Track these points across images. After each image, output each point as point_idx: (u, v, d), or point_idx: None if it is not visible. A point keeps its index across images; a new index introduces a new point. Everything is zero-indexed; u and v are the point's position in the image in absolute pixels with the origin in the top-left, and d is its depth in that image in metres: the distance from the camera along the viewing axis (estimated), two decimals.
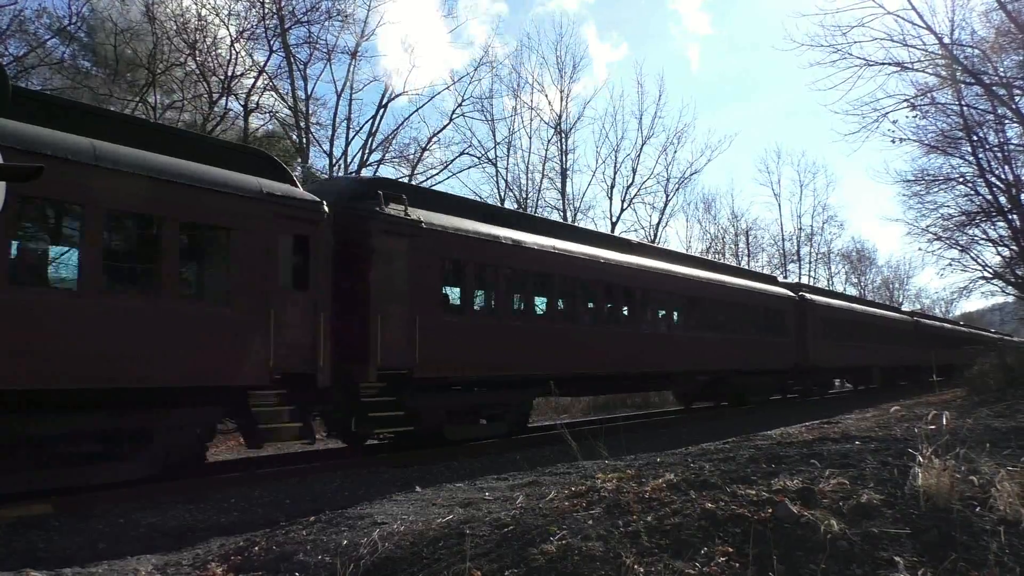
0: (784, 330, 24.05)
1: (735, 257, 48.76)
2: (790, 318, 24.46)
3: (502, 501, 5.44)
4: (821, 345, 25.94)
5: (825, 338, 26.66)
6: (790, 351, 24.07)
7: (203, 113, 24.26)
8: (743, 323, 21.52)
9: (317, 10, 25.65)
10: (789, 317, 24.43)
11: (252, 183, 9.73)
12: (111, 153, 8.23)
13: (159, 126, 12.95)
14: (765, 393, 23.64)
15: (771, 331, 23.33)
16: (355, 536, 4.78)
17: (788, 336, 24.14)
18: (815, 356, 25.37)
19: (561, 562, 3.55)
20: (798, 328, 24.79)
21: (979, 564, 3.31)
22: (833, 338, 27.46)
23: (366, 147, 28.57)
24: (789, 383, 25.48)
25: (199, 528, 7.00)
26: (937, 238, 30.52)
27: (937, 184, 28.64)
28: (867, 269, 66.83)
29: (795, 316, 24.77)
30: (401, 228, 11.46)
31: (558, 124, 35.70)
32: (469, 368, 12.74)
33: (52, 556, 6.01)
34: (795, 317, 24.74)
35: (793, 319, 24.60)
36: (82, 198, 8.05)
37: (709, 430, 15.04)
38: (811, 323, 25.47)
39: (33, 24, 21.56)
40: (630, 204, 38.06)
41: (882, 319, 34.64)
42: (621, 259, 16.96)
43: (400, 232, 11.44)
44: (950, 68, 20.82)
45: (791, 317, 24.51)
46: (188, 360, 8.73)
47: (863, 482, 4.26)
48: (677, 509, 4.05)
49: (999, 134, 25.98)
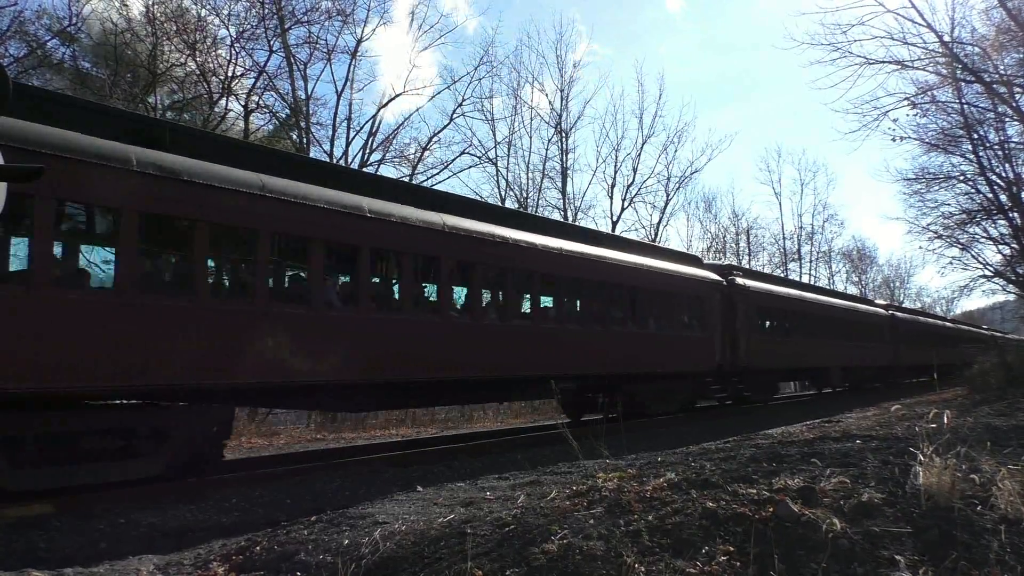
0: (704, 323, 19.32)
1: (735, 256, 48.76)
2: (713, 307, 19.70)
3: (503, 500, 5.44)
4: (757, 341, 21.51)
5: (763, 333, 22.70)
6: (710, 348, 19.37)
7: (203, 113, 24.29)
8: (640, 313, 16.96)
9: (317, 10, 25.70)
10: (711, 306, 19.63)
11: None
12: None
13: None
14: (672, 401, 18.58)
15: (684, 324, 18.73)
16: (356, 536, 4.78)
17: (709, 330, 19.42)
18: (748, 355, 20.77)
19: (562, 561, 3.55)
20: (725, 320, 20.18)
21: (980, 563, 3.31)
22: (775, 333, 23.70)
23: (366, 147, 28.61)
24: (713, 388, 20.62)
25: (200, 528, 7.00)
26: (938, 236, 30.59)
27: (938, 182, 28.71)
28: (868, 268, 66.90)
29: (721, 305, 20.08)
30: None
31: (558, 123, 35.72)
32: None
33: (53, 556, 6.01)
34: (721, 306, 20.07)
35: (718, 309, 19.90)
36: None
37: (710, 429, 15.04)
38: (743, 314, 20.90)
39: (33, 25, 21.61)
40: (631, 203, 38.10)
41: (845, 312, 29.67)
42: (427, 220, 11.69)
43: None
44: (950, 66, 20.84)
45: (715, 306, 19.78)
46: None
47: (864, 481, 4.26)
48: (678, 508, 4.05)
49: (1000, 132, 26.04)
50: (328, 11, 26.06)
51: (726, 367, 19.96)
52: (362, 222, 10.55)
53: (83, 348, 7.78)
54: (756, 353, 21.15)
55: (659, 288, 17.58)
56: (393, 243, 11.25)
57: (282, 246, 10.14)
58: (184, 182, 8.61)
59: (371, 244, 10.82)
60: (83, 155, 7.88)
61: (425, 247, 11.65)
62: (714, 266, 22.50)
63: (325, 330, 10.11)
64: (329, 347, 10.05)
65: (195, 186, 8.70)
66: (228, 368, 8.96)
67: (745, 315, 21.05)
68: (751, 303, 21.50)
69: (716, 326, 19.68)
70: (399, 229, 11.10)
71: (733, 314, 20.48)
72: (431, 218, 11.77)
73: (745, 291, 21.37)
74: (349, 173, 15.42)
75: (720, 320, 19.90)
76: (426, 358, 11.44)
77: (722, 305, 20.13)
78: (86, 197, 8.31)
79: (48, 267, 7.77)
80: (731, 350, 20.12)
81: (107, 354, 7.92)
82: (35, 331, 7.50)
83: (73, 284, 8.52)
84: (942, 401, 14.67)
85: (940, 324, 45.78)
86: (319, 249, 10.07)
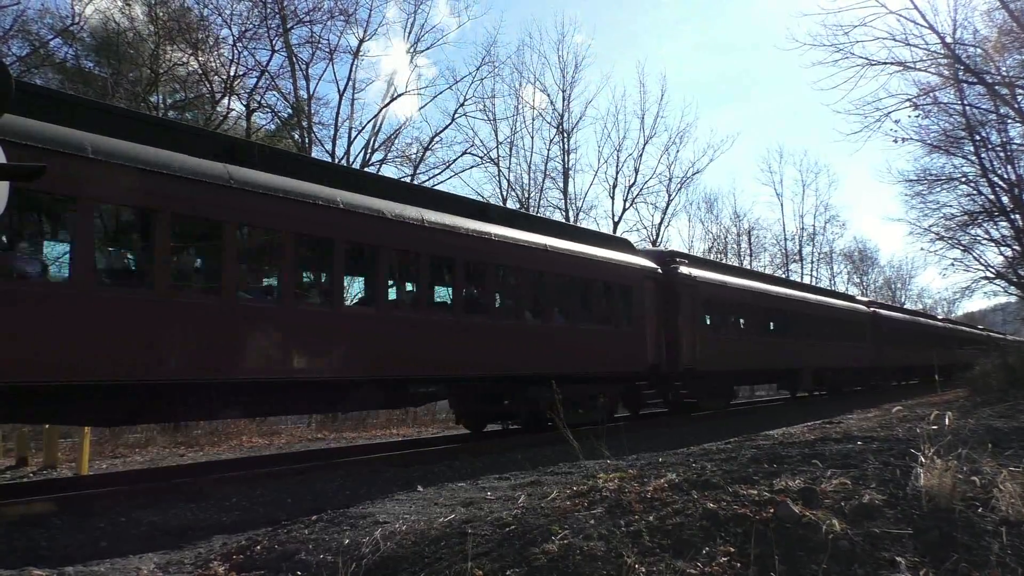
0: (633, 317, 16.58)
1: (737, 257, 48.74)
2: (644, 299, 16.94)
3: (504, 500, 5.44)
4: (706, 339, 18.96)
5: (715, 330, 20.10)
6: (641, 347, 16.64)
7: (205, 113, 24.31)
8: (543, 303, 14.28)
9: (319, 10, 25.71)
10: (642, 297, 16.88)
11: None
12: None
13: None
14: (592, 410, 14.41)
15: (603, 317, 15.98)
16: (357, 535, 4.78)
17: (639, 325, 16.68)
18: (694, 355, 18.18)
19: (563, 561, 3.55)
20: (664, 314, 17.59)
21: (981, 565, 3.31)
22: (730, 330, 21.14)
23: (368, 147, 28.62)
24: (646, 393, 17.24)
25: (201, 527, 7.01)
26: (939, 238, 30.62)
27: (939, 184, 28.74)
28: (869, 269, 66.86)
29: (656, 297, 17.44)
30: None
31: (560, 124, 35.72)
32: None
33: (54, 554, 6.02)
34: (656, 298, 17.43)
35: (652, 301, 17.23)
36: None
37: (711, 430, 15.05)
38: (688, 308, 18.26)
39: (36, 24, 21.65)
40: (632, 204, 38.06)
41: (819, 308, 26.85)
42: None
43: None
44: (952, 68, 20.83)
45: (647, 298, 17.06)
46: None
47: (865, 482, 4.26)
48: (679, 509, 4.05)
49: (1001, 134, 26.05)
50: (330, 11, 26.10)
51: (664, 369, 17.31)
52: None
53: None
54: (704, 353, 18.57)
55: (569, 273, 14.77)
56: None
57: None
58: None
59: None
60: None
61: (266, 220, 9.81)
62: (652, 252, 19.64)
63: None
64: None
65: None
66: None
67: (690, 309, 18.33)
68: (698, 295, 18.81)
69: (649, 321, 16.96)
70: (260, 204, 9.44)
71: (674, 307, 17.86)
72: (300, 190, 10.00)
73: (690, 281, 18.58)
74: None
75: (656, 314, 17.27)
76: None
77: (659, 297, 17.52)
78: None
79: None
80: (672, 349, 17.55)
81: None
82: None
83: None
84: (943, 403, 14.67)
85: (930, 323, 43.36)
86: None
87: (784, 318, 24.21)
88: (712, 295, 19.74)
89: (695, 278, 18.96)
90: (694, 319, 18.62)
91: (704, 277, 19.61)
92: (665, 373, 17.51)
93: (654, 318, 17.26)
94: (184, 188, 8.67)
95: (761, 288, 23.36)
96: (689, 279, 18.69)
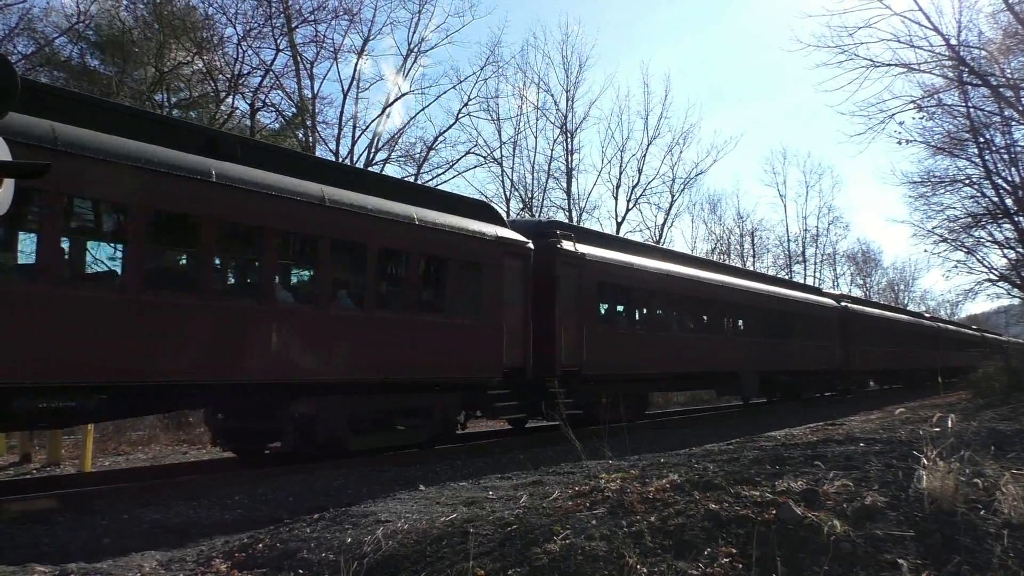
0: (485, 304, 12.49)
1: (740, 257, 48.65)
2: (505, 282, 12.87)
3: (506, 500, 5.45)
4: (598, 335, 14.89)
5: (612, 323, 16.22)
6: (494, 344, 12.54)
7: (209, 112, 24.35)
8: (328, 284, 10.41)
9: (324, 9, 25.72)
10: (502, 280, 12.82)
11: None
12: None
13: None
14: (415, 429, 11.70)
15: (441, 306, 11.98)
16: (359, 534, 4.79)
17: (494, 316, 12.59)
18: (579, 354, 14.17)
19: (564, 562, 3.55)
20: (537, 302, 13.47)
21: (983, 567, 3.31)
22: (635, 323, 16.97)
23: (372, 146, 28.64)
24: (502, 407, 12.97)
25: (203, 525, 7.02)
26: (943, 240, 30.54)
27: (943, 186, 28.71)
28: (873, 271, 66.73)
29: (523, 279, 13.29)
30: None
31: (564, 124, 35.69)
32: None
33: (56, 551, 6.03)
34: (524, 281, 13.29)
35: (518, 285, 13.13)
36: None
37: (713, 431, 15.04)
38: (569, 293, 14.16)
39: (41, 22, 21.70)
40: (635, 204, 38.01)
41: (767, 300, 22.36)
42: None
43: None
44: (957, 69, 20.81)
45: (512, 280, 13.01)
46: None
47: (867, 484, 4.25)
48: (681, 510, 4.05)
49: (1006, 136, 25.98)
50: (335, 10, 26.09)
51: (532, 373, 13.16)
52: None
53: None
54: (596, 352, 14.59)
55: (363, 241, 10.62)
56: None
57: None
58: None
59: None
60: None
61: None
62: (526, 223, 15.60)
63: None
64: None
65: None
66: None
67: (574, 295, 14.25)
68: (587, 278, 14.72)
69: (509, 310, 12.85)
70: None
71: (550, 292, 13.74)
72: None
73: (574, 260, 14.42)
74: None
75: (523, 302, 13.21)
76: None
77: (526, 279, 13.36)
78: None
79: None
80: (545, 347, 13.48)
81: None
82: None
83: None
84: (946, 405, 14.65)
85: (915, 322, 38.77)
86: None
87: (721, 310, 20.17)
88: (608, 278, 15.56)
89: (583, 256, 14.69)
90: (580, 308, 14.47)
91: (597, 255, 15.23)
92: (534, 379, 13.21)
93: (519, 307, 13.07)
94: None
95: (684, 273, 18.55)
96: (573, 257, 14.41)
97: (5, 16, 20.61)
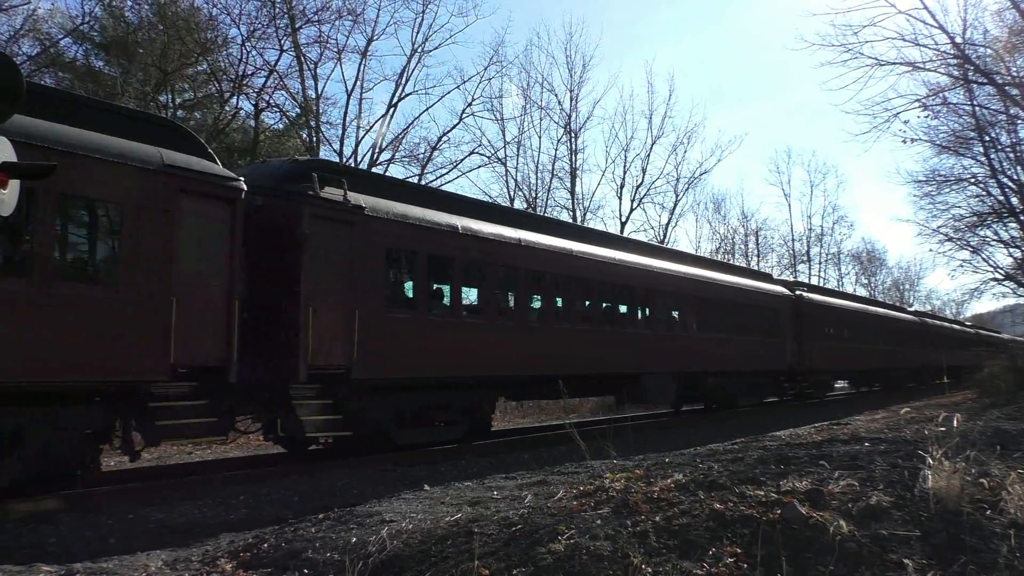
0: (139, 274, 8.08)
1: (744, 257, 48.55)
2: (179, 240, 8.43)
3: (510, 500, 5.45)
4: (377, 323, 10.52)
5: (412, 308, 11.59)
6: (152, 332, 8.08)
7: (213, 112, 24.41)
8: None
9: (328, 9, 25.75)
10: (169, 235, 8.34)
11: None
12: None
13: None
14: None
15: (60, 273, 7.75)
16: (364, 534, 4.79)
17: (150, 290, 8.16)
18: (343, 349, 10.04)
19: (569, 561, 3.55)
20: (268, 275, 9.66)
21: (989, 567, 3.30)
22: (448, 310, 12.10)
23: (376, 146, 28.66)
24: (163, 424, 8.33)
25: (208, 525, 7.04)
26: (948, 239, 30.50)
27: (948, 185, 28.65)
28: (877, 270, 66.57)
29: (231, 239, 9.00)
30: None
31: (568, 124, 35.67)
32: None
33: (62, 551, 6.05)
34: (232, 241, 9.00)
35: (218, 247, 8.90)
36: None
37: (718, 431, 15.01)
38: (326, 265, 9.87)
39: (46, 24, 21.78)
40: (640, 204, 37.96)
41: (687, 284, 17.96)
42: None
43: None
44: (962, 68, 20.75)
45: (193, 238, 8.62)
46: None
47: (872, 484, 4.24)
48: (685, 509, 4.05)
49: (1011, 135, 25.92)
50: (339, 11, 26.12)
51: (257, 375, 9.43)
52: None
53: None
54: (380, 347, 10.51)
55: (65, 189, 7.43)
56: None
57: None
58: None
59: None
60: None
61: None
62: (267, 165, 11.96)
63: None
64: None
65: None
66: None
67: (342, 266, 10.16)
68: (367, 242, 10.51)
69: (187, 279, 8.50)
70: None
71: (293, 261, 9.68)
72: None
73: (342, 216, 10.20)
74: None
75: (222, 270, 8.92)
76: None
77: (234, 235, 9.05)
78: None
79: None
80: (281, 338, 9.67)
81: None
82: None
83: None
84: (952, 404, 14.61)
85: (889, 315, 33.83)
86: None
87: (616, 295, 16.07)
88: (409, 244, 11.36)
89: (359, 210, 10.38)
90: (354, 284, 10.26)
91: (389, 211, 10.91)
92: (255, 384, 9.50)
93: (216, 278, 8.86)
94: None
95: (551, 245, 14.07)
96: (340, 210, 10.14)
97: (10, 17, 20.71)
